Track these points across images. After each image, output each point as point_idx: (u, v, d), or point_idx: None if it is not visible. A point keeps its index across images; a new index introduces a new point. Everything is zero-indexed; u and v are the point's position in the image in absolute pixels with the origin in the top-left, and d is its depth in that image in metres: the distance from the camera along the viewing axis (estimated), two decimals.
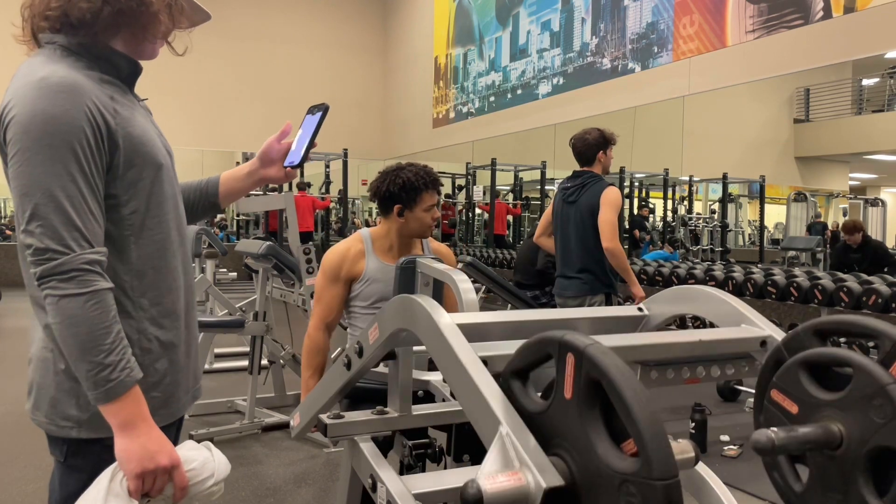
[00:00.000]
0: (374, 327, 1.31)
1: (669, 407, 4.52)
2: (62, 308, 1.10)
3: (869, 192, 9.19)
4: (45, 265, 1.10)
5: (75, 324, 1.11)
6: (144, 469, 1.15)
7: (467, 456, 1.84)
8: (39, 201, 1.10)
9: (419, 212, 2.37)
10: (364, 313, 2.39)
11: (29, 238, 1.11)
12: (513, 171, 11.25)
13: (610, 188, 3.67)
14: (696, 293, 1.39)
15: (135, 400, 1.16)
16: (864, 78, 8.04)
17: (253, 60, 13.45)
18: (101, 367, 1.12)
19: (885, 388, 0.86)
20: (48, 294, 1.11)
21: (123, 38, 1.28)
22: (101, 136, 1.17)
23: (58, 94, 1.13)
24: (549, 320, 1.51)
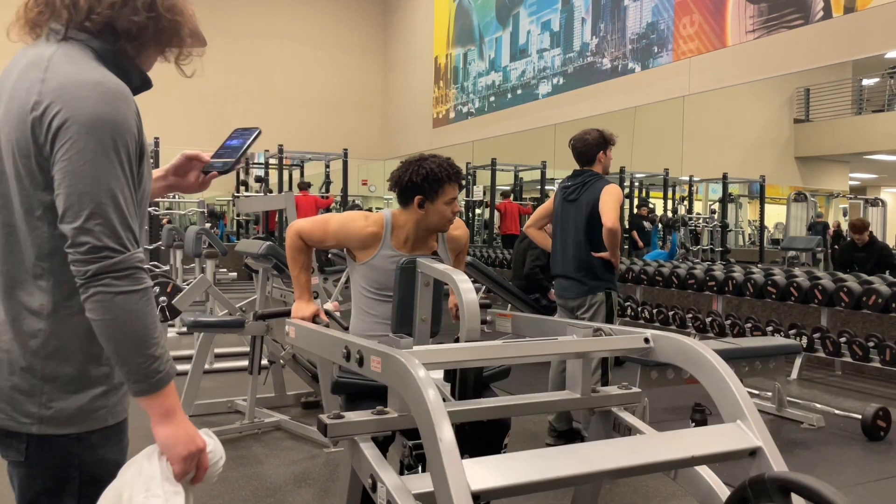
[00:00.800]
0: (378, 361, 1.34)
1: (669, 407, 4.52)
2: (118, 304, 1.14)
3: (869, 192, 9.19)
4: (101, 262, 1.13)
5: (132, 319, 1.15)
6: (190, 452, 1.22)
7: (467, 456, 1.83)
8: (103, 200, 1.14)
9: (440, 204, 2.31)
10: (371, 297, 2.38)
11: (86, 236, 1.13)
12: (513, 171, 11.25)
13: (611, 184, 3.68)
14: (704, 363, 1.40)
15: (174, 391, 1.22)
16: (864, 78, 8.04)
17: (253, 60, 13.45)
18: (152, 360, 1.17)
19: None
20: (101, 291, 1.13)
21: (147, 53, 1.32)
22: (138, 143, 1.22)
23: (117, 100, 1.18)
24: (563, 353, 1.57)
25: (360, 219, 2.38)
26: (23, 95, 1.17)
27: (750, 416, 1.30)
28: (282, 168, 11.55)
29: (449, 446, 1.08)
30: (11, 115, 1.18)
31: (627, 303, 6.98)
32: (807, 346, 5.28)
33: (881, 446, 3.91)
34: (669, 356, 1.50)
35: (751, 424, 1.29)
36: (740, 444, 1.27)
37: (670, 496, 3.16)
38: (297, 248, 2.40)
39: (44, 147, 1.15)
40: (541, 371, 3.97)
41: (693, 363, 1.43)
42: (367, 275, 2.37)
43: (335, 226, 2.38)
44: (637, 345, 1.54)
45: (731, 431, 1.30)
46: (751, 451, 1.27)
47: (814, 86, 8.21)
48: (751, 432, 1.28)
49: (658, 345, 1.52)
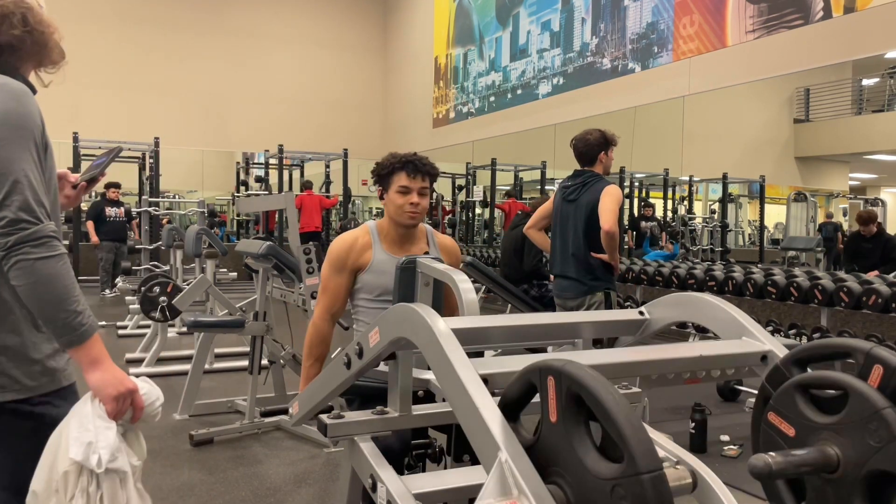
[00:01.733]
0: (375, 331, 1.31)
1: (669, 407, 4.52)
2: (38, 268, 1.31)
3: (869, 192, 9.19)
4: (19, 233, 1.30)
5: (51, 280, 1.32)
6: (119, 392, 1.39)
7: (467, 456, 1.83)
8: (19, 179, 1.32)
9: (392, 193, 2.35)
10: (369, 307, 2.39)
11: (4, 211, 1.30)
12: (513, 171, 11.25)
13: (611, 185, 3.68)
14: (697, 300, 1.39)
15: (99, 341, 1.39)
16: (864, 78, 8.03)
17: (253, 60, 13.45)
18: (75, 315, 1.33)
19: (881, 413, 0.87)
20: (21, 259, 1.30)
21: (25, 66, 1.51)
22: (44, 138, 1.42)
23: (22, 96, 1.38)
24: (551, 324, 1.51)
25: (344, 237, 2.42)
26: None
27: (754, 329, 1.28)
28: (282, 168, 11.55)
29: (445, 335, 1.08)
30: None
31: (627, 303, 6.98)
32: None
33: None
34: (666, 317, 1.47)
35: (756, 336, 1.27)
36: (750, 349, 1.26)
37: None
38: (320, 336, 2.37)
39: None
40: None
41: (689, 308, 1.42)
42: (367, 282, 2.38)
43: (330, 264, 2.38)
44: (631, 317, 1.51)
45: (738, 343, 1.28)
46: (762, 355, 1.25)
47: (814, 86, 8.21)
48: (758, 342, 1.26)
49: (653, 313, 1.49)
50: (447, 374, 1.03)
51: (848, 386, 0.91)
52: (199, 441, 3.84)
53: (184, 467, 3.54)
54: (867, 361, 0.93)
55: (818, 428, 0.92)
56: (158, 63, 12.34)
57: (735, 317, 1.31)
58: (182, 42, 12.91)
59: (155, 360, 5.58)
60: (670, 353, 1.25)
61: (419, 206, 2.34)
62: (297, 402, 1.78)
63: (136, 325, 7.30)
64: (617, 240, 3.63)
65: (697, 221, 9.51)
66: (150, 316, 5.45)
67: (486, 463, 0.92)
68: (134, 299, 6.96)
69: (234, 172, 13.85)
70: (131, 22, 12.30)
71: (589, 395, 0.84)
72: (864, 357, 0.94)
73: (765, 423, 0.99)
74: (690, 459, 1.44)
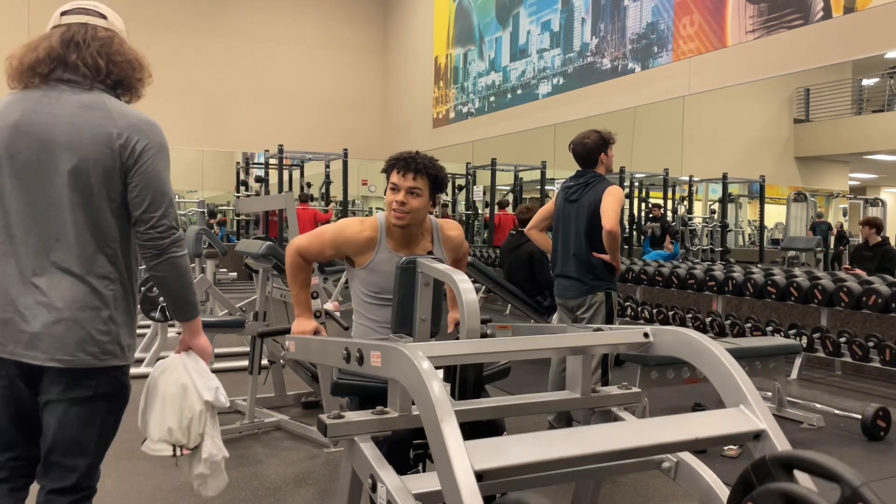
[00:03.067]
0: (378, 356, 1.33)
1: (669, 407, 4.52)
2: (180, 263, 1.77)
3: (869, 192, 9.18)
4: (172, 237, 1.75)
5: (186, 270, 1.80)
6: (211, 351, 1.97)
7: None
8: (172, 197, 1.77)
9: (387, 191, 2.35)
10: (367, 301, 2.39)
11: (165, 220, 1.73)
12: (513, 171, 11.24)
13: (613, 185, 3.69)
14: (705, 353, 1.38)
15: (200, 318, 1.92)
16: (864, 78, 8.03)
17: (253, 60, 13.44)
18: (194, 296, 1.87)
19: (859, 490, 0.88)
20: (171, 256, 1.75)
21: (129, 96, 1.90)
22: None
23: (163, 132, 1.79)
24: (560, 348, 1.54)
25: (355, 224, 2.40)
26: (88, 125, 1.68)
27: (753, 400, 1.27)
28: (282, 168, 11.54)
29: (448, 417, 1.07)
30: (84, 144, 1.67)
31: (627, 303, 6.98)
32: (807, 346, 5.28)
33: (881, 446, 3.92)
34: (669, 349, 1.48)
35: (754, 408, 1.27)
36: (744, 426, 1.25)
37: (670, 496, 3.16)
38: (296, 265, 2.42)
39: (126, 164, 1.70)
40: (540, 371, 3.97)
41: (693, 353, 1.42)
42: (365, 279, 2.38)
43: (331, 235, 2.40)
44: (636, 339, 1.53)
45: (734, 415, 1.28)
46: (755, 433, 1.25)
47: (814, 86, 8.20)
48: (754, 416, 1.26)
49: (657, 339, 1.50)
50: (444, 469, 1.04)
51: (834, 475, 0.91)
52: None
53: None
54: (852, 497, 0.94)
55: None
56: (158, 63, 12.17)
57: (738, 382, 1.31)
58: (182, 42, 12.91)
59: (155, 360, 5.58)
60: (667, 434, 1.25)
61: (406, 205, 2.29)
62: (293, 343, 2.02)
63: None
64: (618, 240, 3.64)
65: (697, 221, 9.50)
66: (150, 316, 5.44)
67: None
68: None
69: (234, 172, 13.85)
70: (131, 22, 12.17)
71: None
72: (850, 492, 0.95)
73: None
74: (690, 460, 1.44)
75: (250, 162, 13.65)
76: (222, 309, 5.06)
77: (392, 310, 2.15)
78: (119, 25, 1.85)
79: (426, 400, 1.12)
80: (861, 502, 0.92)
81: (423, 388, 1.14)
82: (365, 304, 2.40)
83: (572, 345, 1.57)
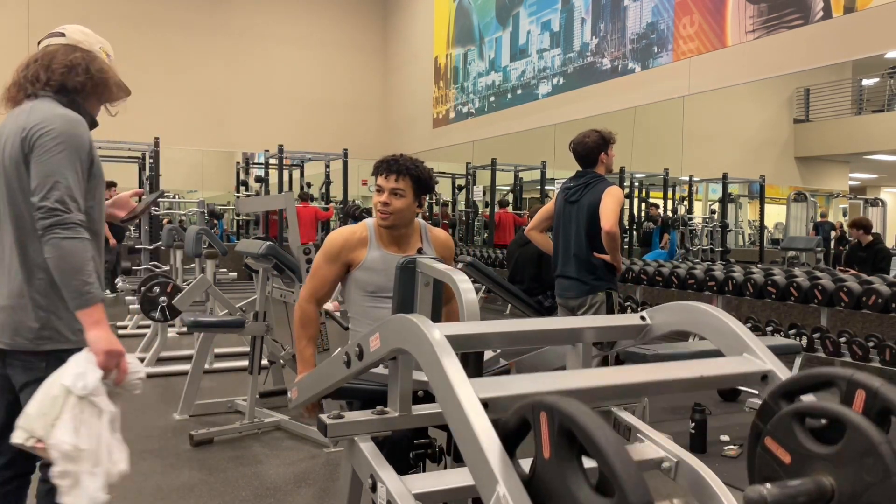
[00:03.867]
0: (376, 336, 1.31)
1: (669, 407, 4.52)
2: (63, 245, 1.71)
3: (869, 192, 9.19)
4: (53, 219, 1.71)
5: (72, 254, 1.72)
6: (109, 348, 1.74)
7: None
8: (58, 179, 1.75)
9: (374, 192, 2.40)
10: (363, 303, 2.40)
11: (46, 202, 1.72)
12: (513, 171, 11.25)
13: (613, 186, 3.69)
14: (701, 313, 1.37)
15: (101, 308, 1.77)
16: (864, 78, 8.03)
17: (253, 60, 13.45)
18: (84, 283, 1.73)
19: (877, 448, 0.86)
20: (52, 237, 1.71)
21: (90, 101, 1.98)
22: (89, 155, 1.86)
23: (76, 124, 1.84)
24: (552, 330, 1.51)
25: (342, 230, 2.45)
26: (14, 127, 1.83)
27: (755, 346, 1.26)
28: (282, 168, 11.55)
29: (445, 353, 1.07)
30: (9, 142, 1.84)
31: (627, 303, 6.98)
32: (807, 346, 5.28)
33: None
34: (667, 324, 1.45)
35: (758, 353, 1.25)
36: (751, 368, 1.24)
37: (670, 496, 3.15)
38: (305, 317, 2.42)
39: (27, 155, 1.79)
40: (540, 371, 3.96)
41: (693, 319, 1.40)
42: (361, 278, 2.39)
43: (324, 253, 2.42)
44: (632, 322, 1.50)
45: (740, 361, 1.26)
46: (762, 374, 1.23)
47: (814, 86, 8.21)
48: (759, 360, 1.24)
49: (655, 320, 1.47)
50: (448, 396, 1.03)
51: (846, 419, 0.90)
52: (199, 441, 3.84)
53: (184, 467, 3.54)
54: (849, 388, 0.94)
55: (814, 457, 0.92)
56: (158, 63, 12.33)
57: (738, 332, 1.29)
58: (182, 42, 12.91)
59: (155, 360, 5.58)
60: (670, 373, 1.23)
61: (389, 205, 2.34)
62: (296, 388, 1.85)
63: (136, 325, 7.31)
64: (618, 240, 3.64)
65: (697, 221, 9.51)
66: (150, 316, 5.44)
67: (485, 495, 0.92)
68: (134, 299, 6.96)
69: (234, 172, 13.85)
70: (131, 22, 12.30)
71: (580, 430, 0.84)
72: (846, 384, 0.95)
73: (762, 447, 0.99)
74: (690, 460, 1.44)
75: (250, 162, 13.65)
76: (222, 309, 5.06)
77: (392, 310, 2.15)
78: (77, 37, 1.97)
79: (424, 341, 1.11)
80: (859, 388, 0.93)
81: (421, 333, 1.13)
82: (363, 308, 2.41)
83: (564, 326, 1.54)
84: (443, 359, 1.06)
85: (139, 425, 4.09)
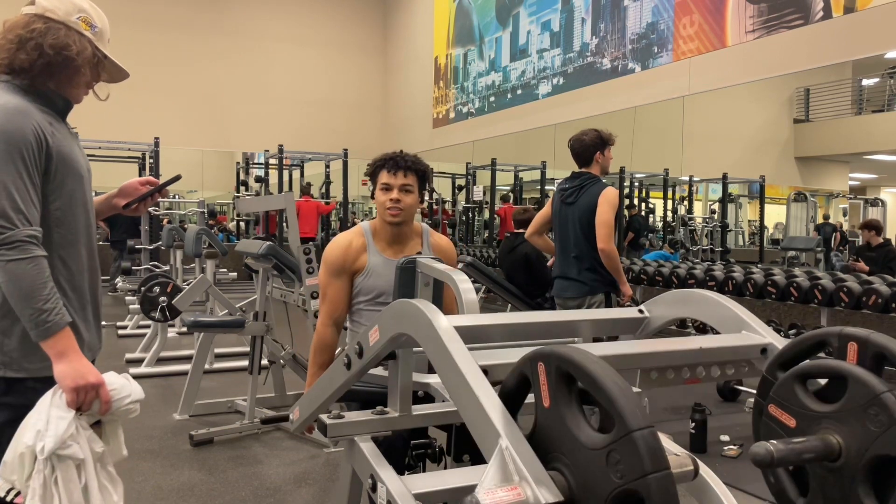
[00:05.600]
0: (375, 329, 1.31)
1: (669, 407, 4.52)
2: (8, 269, 1.46)
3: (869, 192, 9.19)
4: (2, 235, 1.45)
5: (20, 279, 1.46)
6: (77, 384, 1.49)
7: (467, 456, 1.83)
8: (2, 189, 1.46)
9: (377, 191, 2.35)
10: (366, 308, 2.39)
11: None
12: (513, 171, 11.25)
13: (608, 188, 3.68)
14: (697, 297, 1.38)
15: (66, 336, 1.51)
16: (864, 78, 8.03)
17: (253, 60, 13.45)
18: (40, 312, 1.47)
19: (880, 397, 0.87)
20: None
21: (56, 82, 1.65)
22: (41, 148, 1.55)
23: (13, 115, 1.52)
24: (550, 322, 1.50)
25: (338, 241, 2.41)
26: None
27: (755, 324, 1.27)
28: (282, 168, 11.55)
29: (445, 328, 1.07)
30: None
31: (627, 303, 6.98)
32: None
33: None
34: (664, 315, 1.46)
35: (757, 329, 1.26)
36: (750, 342, 1.25)
37: None
38: (323, 343, 2.36)
39: None
40: None
41: (686, 305, 1.41)
42: (363, 285, 2.38)
43: (327, 270, 2.38)
44: (630, 315, 1.50)
45: (739, 336, 1.28)
46: (761, 348, 1.24)
47: (814, 86, 8.21)
48: (758, 335, 1.26)
49: (653, 311, 1.47)
50: (448, 365, 1.03)
51: (847, 372, 0.92)
52: (199, 441, 3.84)
53: (184, 467, 3.54)
54: (840, 343, 0.97)
55: (819, 417, 0.93)
56: (158, 63, 12.32)
57: (734, 311, 1.31)
58: (182, 42, 12.91)
59: (155, 360, 5.58)
60: (670, 345, 1.24)
61: (400, 202, 2.32)
62: (297, 408, 1.76)
63: (136, 325, 7.30)
64: (616, 259, 3.63)
65: (697, 221, 9.51)
66: (150, 316, 5.45)
67: (488, 451, 0.92)
68: (134, 299, 6.96)
69: (234, 172, 13.84)
70: (131, 22, 12.29)
71: (576, 368, 0.84)
72: (837, 340, 0.97)
73: (766, 416, 1.00)
74: None
75: (250, 162, 13.65)
76: (222, 309, 5.06)
77: None
78: (46, 4, 1.62)
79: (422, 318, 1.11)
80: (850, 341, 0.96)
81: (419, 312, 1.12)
82: (364, 312, 2.40)
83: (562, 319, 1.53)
84: (442, 333, 1.06)
85: (139, 425, 4.09)
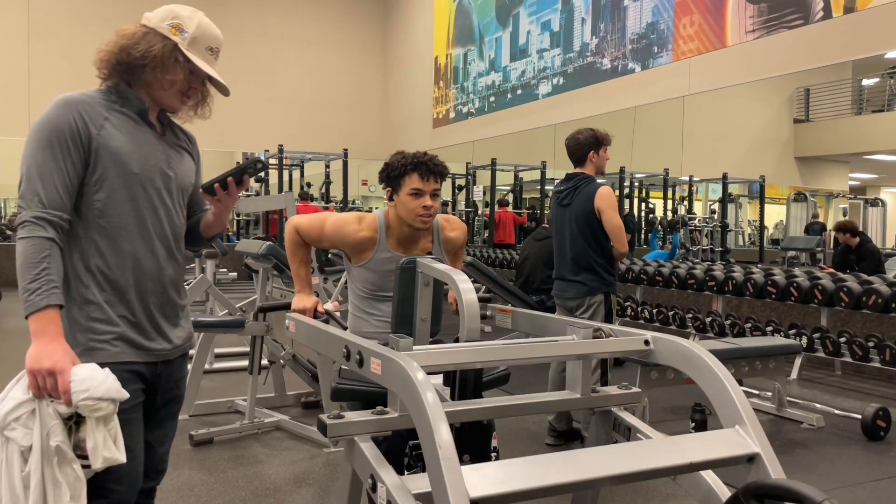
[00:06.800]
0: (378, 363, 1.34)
1: (669, 407, 4.52)
2: (17, 246, 1.56)
3: (869, 192, 9.20)
4: (18, 216, 1.58)
5: (19, 255, 1.55)
6: (32, 367, 1.48)
7: (467, 456, 1.83)
8: (24, 174, 1.59)
9: (404, 195, 2.31)
10: (363, 295, 2.41)
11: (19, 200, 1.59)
12: (513, 171, 11.25)
13: (602, 188, 3.66)
14: (705, 369, 1.40)
15: (46, 318, 1.51)
16: (864, 78, 8.04)
17: (253, 60, 13.44)
18: (25, 290, 1.52)
19: None
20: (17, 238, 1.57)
21: (133, 82, 1.73)
22: (77, 138, 1.62)
23: (56, 106, 1.63)
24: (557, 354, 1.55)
25: (353, 222, 2.39)
26: None
27: (748, 421, 1.30)
28: (282, 168, 11.54)
29: (448, 452, 1.08)
30: None
31: (627, 303, 6.98)
32: (807, 346, 5.28)
33: (881, 446, 3.92)
34: (669, 359, 1.50)
35: (749, 430, 1.29)
36: (739, 450, 1.28)
37: (670, 496, 3.16)
38: (295, 242, 2.43)
39: None
40: (541, 371, 3.97)
41: (692, 367, 1.43)
42: (362, 276, 2.38)
43: (330, 228, 2.39)
44: (637, 346, 1.54)
45: (729, 437, 1.30)
46: (749, 457, 1.28)
47: (814, 86, 8.21)
48: (749, 438, 1.28)
49: (658, 347, 1.52)
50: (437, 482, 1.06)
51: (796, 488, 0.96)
52: (199, 441, 3.84)
53: (184, 467, 3.54)
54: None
55: None
56: None
57: (735, 402, 1.33)
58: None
59: None
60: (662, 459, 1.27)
61: (432, 208, 2.32)
62: (294, 323, 1.88)
63: None
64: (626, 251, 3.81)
65: (697, 221, 9.51)
66: None
67: None
68: None
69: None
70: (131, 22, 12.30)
71: None
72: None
73: None
74: None
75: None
76: (222, 309, 5.06)
77: (392, 309, 2.15)
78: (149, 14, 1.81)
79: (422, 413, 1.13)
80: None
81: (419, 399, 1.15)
82: (361, 299, 2.41)
83: (573, 352, 1.58)
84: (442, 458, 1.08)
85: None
